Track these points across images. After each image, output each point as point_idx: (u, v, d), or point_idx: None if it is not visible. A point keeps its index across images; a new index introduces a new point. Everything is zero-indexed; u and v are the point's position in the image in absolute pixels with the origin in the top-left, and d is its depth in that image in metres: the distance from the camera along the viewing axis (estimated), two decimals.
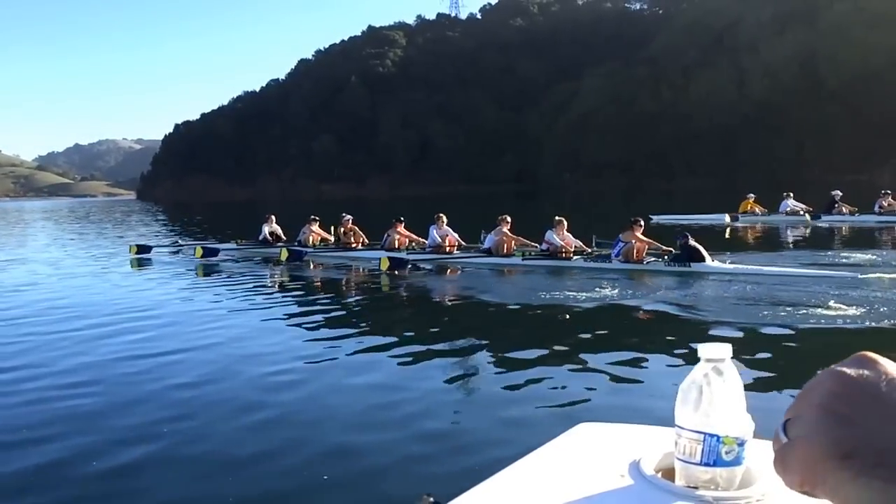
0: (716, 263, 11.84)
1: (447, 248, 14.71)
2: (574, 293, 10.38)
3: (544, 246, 13.63)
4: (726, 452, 0.92)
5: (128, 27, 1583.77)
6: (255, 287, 12.26)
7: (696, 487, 0.95)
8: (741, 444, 0.93)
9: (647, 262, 12.48)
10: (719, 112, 76.25)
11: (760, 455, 0.97)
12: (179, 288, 12.02)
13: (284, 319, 9.09)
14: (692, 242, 12.11)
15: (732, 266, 11.81)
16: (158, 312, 9.38)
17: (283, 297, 11.26)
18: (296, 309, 10.02)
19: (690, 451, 0.94)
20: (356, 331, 8.34)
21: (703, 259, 11.85)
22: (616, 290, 10.22)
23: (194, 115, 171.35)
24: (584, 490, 0.99)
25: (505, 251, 13.84)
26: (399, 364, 6.51)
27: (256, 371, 6.39)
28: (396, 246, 15.11)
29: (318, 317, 9.21)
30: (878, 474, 0.48)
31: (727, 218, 24.09)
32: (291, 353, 7.09)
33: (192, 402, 5.47)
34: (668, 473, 1.00)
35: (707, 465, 0.93)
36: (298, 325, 8.76)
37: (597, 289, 10.52)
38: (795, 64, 71.56)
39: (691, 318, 8.28)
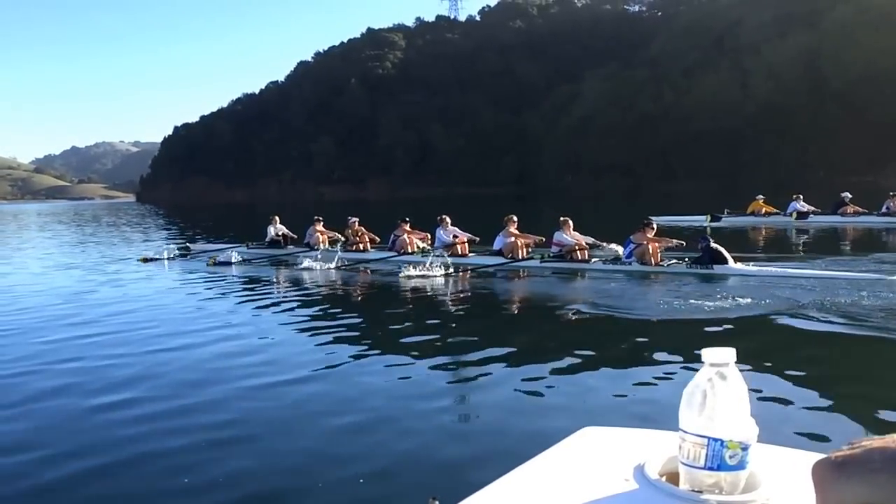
0: (739, 265, 11.73)
1: (458, 247, 14.56)
2: (591, 296, 10.24)
3: (555, 248, 13.47)
4: (730, 457, 0.93)
5: (124, 30, 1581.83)
6: (273, 293, 12.22)
7: (700, 491, 0.95)
8: (745, 448, 0.94)
9: (669, 265, 12.35)
10: (721, 114, 75.97)
11: (764, 459, 0.98)
12: (238, 300, 11.35)
13: (300, 324, 9.05)
14: (714, 244, 12.06)
15: (756, 268, 11.67)
16: (237, 331, 8.74)
17: (298, 303, 11.00)
18: (311, 314, 9.92)
19: (694, 456, 0.94)
20: (365, 334, 8.32)
21: (725, 261, 11.77)
22: (635, 293, 10.12)
23: (193, 118, 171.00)
24: (589, 494, 1.00)
25: (518, 250, 13.71)
26: (405, 367, 6.52)
27: (258, 373, 6.48)
28: (407, 247, 15.01)
29: (331, 321, 9.17)
30: (869, 468, 0.57)
31: (707, 219, 24.08)
32: (299, 356, 7.16)
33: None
34: (673, 477, 1.01)
35: (711, 469, 0.94)
36: (312, 330, 8.67)
37: (615, 291, 10.42)
38: (799, 65, 71.30)
39: (709, 321, 8.12)
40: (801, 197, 24.49)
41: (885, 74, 61.34)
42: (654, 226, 12.82)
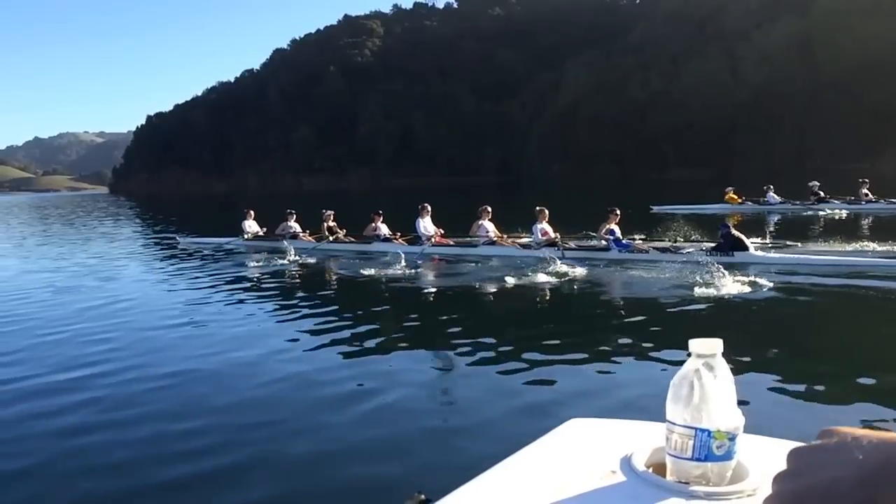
0: (759, 253, 11.51)
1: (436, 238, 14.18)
2: (601, 286, 9.83)
3: (542, 238, 12.91)
4: (717, 447, 0.93)
5: (86, 16, 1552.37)
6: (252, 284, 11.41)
7: (687, 483, 0.96)
8: (732, 438, 0.94)
9: (687, 252, 12.01)
10: (713, 101, 75.80)
11: (752, 450, 0.99)
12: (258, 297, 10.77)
13: (290, 319, 8.50)
14: (734, 231, 11.80)
15: (778, 255, 11.43)
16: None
17: (283, 293, 10.40)
18: (294, 305, 9.33)
19: (682, 447, 0.95)
20: (349, 326, 7.88)
21: (746, 248, 11.43)
22: (644, 281, 9.74)
23: (162, 107, 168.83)
24: (576, 486, 1.00)
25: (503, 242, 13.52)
26: (390, 359, 6.36)
27: (241, 371, 6.15)
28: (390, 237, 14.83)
29: (317, 313, 8.73)
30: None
31: (729, 206, 23.75)
32: (276, 348, 6.85)
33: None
34: (660, 469, 1.01)
35: (698, 460, 0.94)
36: (300, 323, 8.18)
37: (628, 279, 10.14)
38: (792, 52, 71.37)
39: (718, 310, 7.69)
40: (773, 187, 24.34)
41: (880, 60, 61.56)
42: (618, 212, 12.84)
